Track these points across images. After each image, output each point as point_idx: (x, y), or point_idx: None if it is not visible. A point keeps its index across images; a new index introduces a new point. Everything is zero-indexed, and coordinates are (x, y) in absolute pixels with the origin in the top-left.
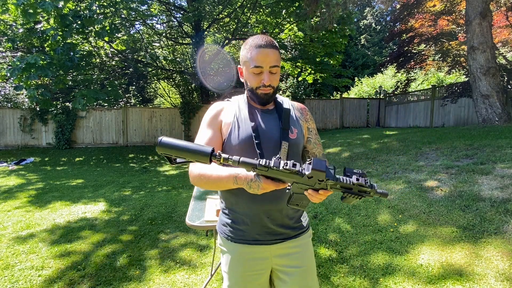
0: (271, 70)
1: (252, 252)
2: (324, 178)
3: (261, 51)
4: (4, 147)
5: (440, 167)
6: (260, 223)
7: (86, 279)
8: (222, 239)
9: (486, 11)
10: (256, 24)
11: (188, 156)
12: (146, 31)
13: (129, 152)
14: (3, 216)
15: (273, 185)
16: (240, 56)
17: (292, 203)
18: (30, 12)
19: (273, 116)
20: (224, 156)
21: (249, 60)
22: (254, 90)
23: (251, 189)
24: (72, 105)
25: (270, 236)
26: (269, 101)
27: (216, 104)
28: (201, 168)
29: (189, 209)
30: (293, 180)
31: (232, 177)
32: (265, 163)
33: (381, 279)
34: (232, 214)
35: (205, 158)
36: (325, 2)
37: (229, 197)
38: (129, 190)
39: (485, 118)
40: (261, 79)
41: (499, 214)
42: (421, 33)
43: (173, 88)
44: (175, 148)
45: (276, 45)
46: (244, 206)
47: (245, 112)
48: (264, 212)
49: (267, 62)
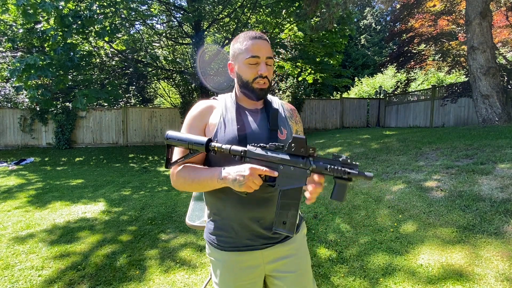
0: (267, 62)
1: (243, 260)
2: (306, 146)
3: (256, 41)
4: (4, 147)
5: (440, 167)
6: (249, 227)
7: (86, 279)
8: (211, 248)
9: (486, 11)
10: (256, 24)
11: (187, 144)
12: (146, 31)
13: (129, 152)
14: (3, 216)
15: (260, 169)
16: (230, 52)
17: (278, 222)
18: (30, 13)
19: (261, 116)
20: (217, 145)
21: (244, 51)
22: (250, 84)
23: (236, 183)
24: (72, 105)
25: (261, 240)
26: (264, 97)
27: (201, 103)
28: (184, 170)
29: (189, 209)
30: (279, 160)
31: (217, 173)
32: (253, 145)
33: (381, 279)
34: (219, 221)
35: (201, 147)
36: (325, 2)
37: (215, 202)
38: (129, 190)
39: (485, 118)
40: (258, 70)
41: (499, 214)
42: (421, 33)
43: (173, 88)
44: (177, 139)
45: (268, 39)
46: (231, 211)
47: (232, 112)
48: (252, 217)
49: (263, 52)
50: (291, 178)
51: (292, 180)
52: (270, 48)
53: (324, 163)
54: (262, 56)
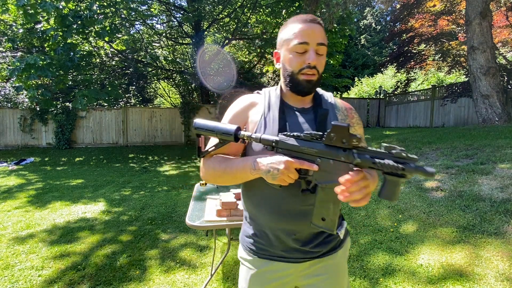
0: (318, 50)
1: (276, 270)
2: (348, 136)
3: (306, 25)
4: (4, 147)
5: (440, 167)
6: (283, 241)
7: (86, 279)
8: (244, 251)
9: (486, 11)
10: (256, 24)
11: (216, 133)
12: (146, 31)
13: (129, 152)
14: (3, 216)
15: (296, 163)
16: (277, 39)
17: (316, 216)
18: (30, 13)
19: (308, 117)
20: (246, 133)
21: (291, 36)
22: (295, 75)
23: (270, 175)
24: (72, 105)
25: (297, 254)
26: (311, 91)
27: (243, 98)
28: (215, 160)
29: (189, 209)
30: (315, 152)
31: (249, 163)
32: (286, 134)
33: (381, 279)
34: (255, 227)
35: (230, 136)
36: (325, 2)
37: (252, 208)
38: (129, 190)
39: (485, 118)
40: (305, 59)
41: (499, 214)
42: (421, 33)
43: (173, 88)
44: (205, 128)
45: (322, 23)
46: (266, 221)
47: (274, 110)
48: (288, 230)
49: (314, 38)
50: (331, 173)
51: (332, 175)
52: (323, 33)
53: (371, 156)
54: (311, 42)
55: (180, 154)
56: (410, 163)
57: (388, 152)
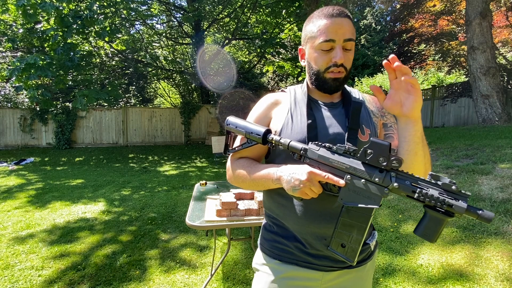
0: (345, 45)
1: (299, 277)
2: (388, 156)
3: (333, 20)
4: (4, 147)
5: (440, 167)
6: (312, 245)
7: (86, 279)
8: (264, 257)
9: (486, 11)
10: (256, 24)
11: (245, 133)
12: (146, 31)
13: (129, 152)
14: (3, 216)
15: (321, 175)
16: (302, 35)
17: (336, 241)
18: (30, 13)
19: (338, 111)
20: (275, 138)
21: (316, 33)
22: (321, 74)
23: (290, 186)
24: (72, 105)
25: (327, 262)
26: (338, 89)
27: (267, 97)
28: (240, 165)
29: (189, 209)
30: (346, 168)
31: (272, 172)
32: (316, 143)
33: (381, 279)
34: (278, 229)
35: (258, 138)
36: (325, 2)
37: (275, 208)
38: (129, 190)
39: (485, 118)
40: (331, 57)
41: (499, 214)
42: (421, 33)
43: (173, 88)
44: (236, 126)
45: (350, 15)
46: (292, 223)
47: (302, 106)
48: (318, 234)
49: (341, 34)
50: (361, 194)
51: (361, 197)
52: (351, 26)
53: (411, 182)
54: (338, 39)
55: (180, 154)
56: (461, 199)
57: (434, 182)
